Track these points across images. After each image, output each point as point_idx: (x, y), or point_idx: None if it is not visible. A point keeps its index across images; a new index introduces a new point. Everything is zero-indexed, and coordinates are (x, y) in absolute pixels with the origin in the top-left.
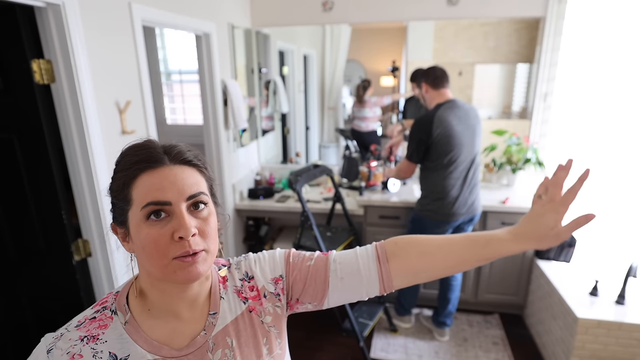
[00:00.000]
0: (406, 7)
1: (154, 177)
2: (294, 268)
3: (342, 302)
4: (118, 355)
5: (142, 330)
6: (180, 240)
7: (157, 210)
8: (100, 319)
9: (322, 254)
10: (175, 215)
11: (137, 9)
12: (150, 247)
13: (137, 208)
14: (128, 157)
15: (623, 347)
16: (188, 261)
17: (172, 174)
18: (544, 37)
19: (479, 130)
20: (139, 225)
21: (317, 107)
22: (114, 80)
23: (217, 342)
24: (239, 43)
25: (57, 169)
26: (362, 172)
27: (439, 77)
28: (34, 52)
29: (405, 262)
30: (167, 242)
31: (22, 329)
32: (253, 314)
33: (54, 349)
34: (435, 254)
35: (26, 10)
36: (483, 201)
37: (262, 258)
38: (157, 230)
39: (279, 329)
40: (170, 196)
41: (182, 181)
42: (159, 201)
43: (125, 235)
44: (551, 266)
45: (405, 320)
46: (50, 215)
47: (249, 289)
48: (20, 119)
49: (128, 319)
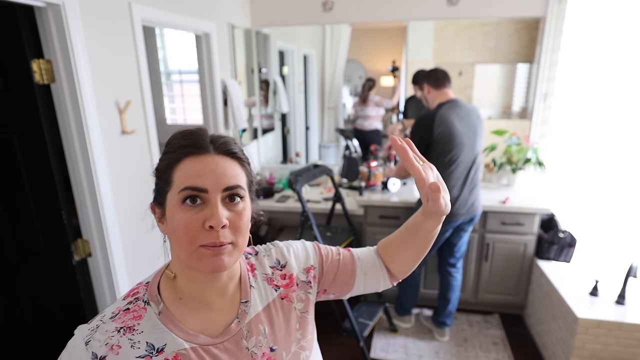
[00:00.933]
0: (406, 7)
1: (195, 163)
2: (327, 260)
3: (362, 292)
4: (155, 345)
5: (176, 319)
6: (210, 230)
7: (194, 195)
8: (134, 309)
9: (346, 249)
10: (209, 203)
11: (137, 8)
12: (181, 230)
13: (176, 191)
14: (176, 141)
15: (623, 347)
16: (214, 251)
17: (214, 163)
18: (544, 37)
19: (480, 130)
20: (174, 208)
21: (317, 107)
22: (114, 80)
23: (250, 329)
24: (239, 43)
25: (57, 169)
26: (362, 172)
27: (440, 77)
28: (34, 52)
29: (390, 264)
30: (198, 228)
31: (22, 328)
32: (285, 301)
33: (91, 340)
34: (403, 251)
35: (26, 10)
36: (483, 201)
37: (295, 247)
38: (190, 216)
39: (310, 315)
40: (208, 184)
41: (222, 171)
42: (196, 187)
43: (162, 216)
44: (551, 266)
45: (405, 320)
46: (50, 215)
47: (280, 277)
48: (20, 119)
49: (161, 309)
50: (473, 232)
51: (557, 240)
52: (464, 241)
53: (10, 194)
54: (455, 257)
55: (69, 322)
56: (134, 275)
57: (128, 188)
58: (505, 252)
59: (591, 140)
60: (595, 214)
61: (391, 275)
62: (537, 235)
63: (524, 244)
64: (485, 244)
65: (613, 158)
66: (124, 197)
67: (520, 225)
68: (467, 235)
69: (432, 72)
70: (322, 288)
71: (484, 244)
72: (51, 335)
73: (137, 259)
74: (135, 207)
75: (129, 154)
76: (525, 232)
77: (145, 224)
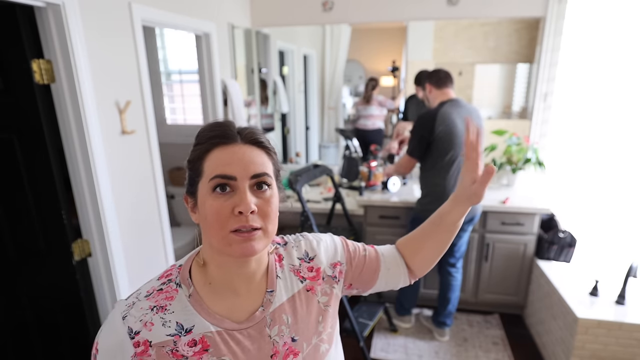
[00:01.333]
0: (406, 7)
1: (224, 152)
2: (354, 256)
3: (383, 289)
4: (184, 326)
5: (204, 303)
6: (239, 215)
7: (223, 183)
8: (167, 290)
9: (370, 246)
10: (238, 190)
11: (137, 9)
12: (212, 217)
13: (206, 180)
14: (206, 132)
15: (623, 347)
16: (244, 236)
17: (241, 152)
18: (544, 37)
19: (481, 131)
20: (205, 196)
21: (317, 107)
22: (114, 80)
23: (274, 318)
24: (239, 43)
25: (57, 169)
26: (362, 172)
27: (443, 77)
28: (34, 52)
29: (411, 260)
30: (228, 214)
31: (22, 328)
32: (310, 293)
33: (128, 316)
34: (425, 245)
35: (26, 10)
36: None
37: (325, 241)
38: (221, 203)
39: (333, 309)
40: (236, 171)
41: (249, 159)
42: (225, 175)
43: (194, 206)
44: (551, 266)
45: (406, 320)
46: (50, 215)
47: (307, 269)
48: (20, 119)
49: (191, 292)
50: (473, 232)
51: (557, 240)
52: (463, 241)
53: (10, 193)
54: (455, 257)
55: (69, 322)
56: (133, 275)
57: (128, 188)
58: (505, 252)
59: (591, 140)
60: (595, 214)
61: (410, 272)
62: (537, 235)
63: (524, 244)
64: (485, 244)
65: (613, 158)
66: (124, 197)
67: (520, 225)
68: (466, 235)
69: (434, 72)
70: (348, 283)
71: (484, 244)
72: (51, 335)
73: (137, 258)
74: (135, 207)
75: (129, 154)
76: (525, 232)
77: (145, 224)
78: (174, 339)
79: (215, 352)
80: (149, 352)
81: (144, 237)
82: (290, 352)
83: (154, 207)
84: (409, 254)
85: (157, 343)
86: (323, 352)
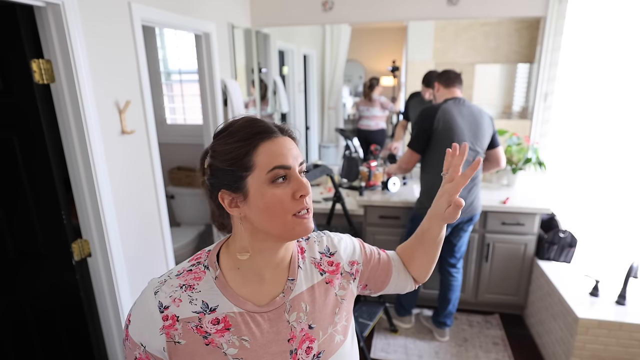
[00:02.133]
0: (406, 7)
1: (275, 145)
2: (370, 258)
3: (393, 291)
4: (209, 305)
5: (229, 285)
6: (300, 199)
7: (283, 174)
8: (196, 271)
9: (382, 250)
10: (293, 178)
11: (136, 8)
12: (276, 205)
13: (262, 172)
14: (246, 130)
15: (624, 347)
16: (305, 217)
17: (287, 143)
18: (545, 37)
19: (485, 132)
20: (262, 187)
21: (317, 107)
22: (114, 80)
23: (293, 304)
24: (238, 43)
25: (56, 169)
26: (362, 172)
27: (452, 77)
28: (33, 52)
29: (409, 268)
30: (289, 200)
31: (22, 328)
32: (329, 286)
33: (159, 291)
34: (416, 257)
35: (26, 9)
36: (483, 201)
37: (345, 240)
38: (281, 190)
39: (348, 303)
40: (290, 161)
41: (294, 150)
42: (284, 165)
43: (239, 201)
44: (551, 266)
45: (405, 321)
46: (49, 215)
47: (327, 263)
48: (20, 119)
49: (218, 274)
50: (473, 232)
51: (558, 241)
52: (463, 241)
53: (10, 193)
54: (455, 257)
55: (69, 322)
56: (133, 275)
57: (128, 188)
58: (505, 252)
59: (591, 140)
60: (596, 214)
61: (413, 278)
62: (537, 235)
63: (524, 244)
64: (486, 244)
65: (613, 158)
66: (124, 197)
67: (520, 225)
68: (466, 236)
69: (445, 72)
70: (363, 283)
71: (484, 244)
72: (51, 335)
73: (136, 259)
74: (135, 207)
75: (128, 154)
76: (526, 232)
77: (145, 224)
78: (199, 316)
79: (236, 331)
80: (175, 327)
81: (144, 237)
82: (307, 338)
83: (154, 207)
84: (406, 262)
85: (184, 318)
86: (338, 343)
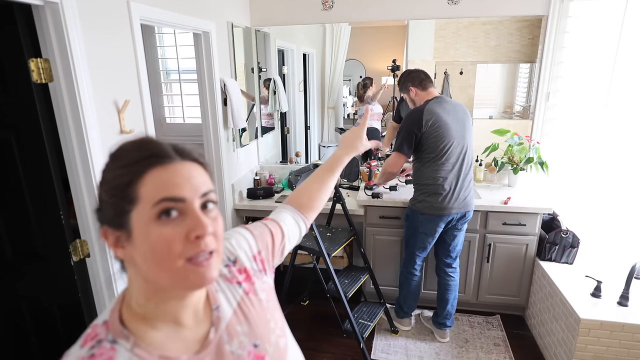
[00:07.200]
0: (407, 6)
1: (166, 173)
2: (263, 239)
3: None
4: None
5: (152, 349)
6: (195, 240)
7: (170, 208)
8: (100, 354)
9: (265, 219)
10: (189, 213)
11: (135, 7)
12: (162, 248)
13: (147, 206)
14: (132, 153)
15: (626, 348)
16: (202, 264)
17: (185, 170)
18: (546, 36)
19: (468, 125)
20: (147, 226)
21: (317, 106)
22: (113, 79)
23: (229, 333)
24: (238, 42)
25: (55, 169)
26: (362, 172)
27: (424, 79)
28: (31, 51)
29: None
30: (181, 242)
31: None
32: (251, 295)
33: None
34: (318, 191)
35: (24, 8)
36: (484, 201)
37: (234, 238)
38: (171, 230)
39: (274, 301)
40: (186, 193)
41: (195, 178)
42: (174, 197)
43: (119, 240)
44: (553, 267)
45: (405, 323)
46: (48, 216)
47: (237, 272)
48: (18, 119)
49: (132, 343)
50: (474, 233)
51: (559, 241)
52: (459, 240)
53: (8, 194)
54: (451, 256)
55: (68, 322)
56: None
57: None
58: (506, 252)
59: (593, 139)
60: (598, 215)
61: (307, 220)
62: (538, 235)
63: (525, 245)
64: (487, 245)
65: (615, 158)
66: None
67: (521, 225)
68: (461, 234)
69: (414, 74)
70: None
71: (485, 244)
72: (49, 336)
73: None
74: None
75: None
76: (527, 233)
77: None
78: None
79: None
80: None
81: None
82: (257, 359)
83: None
84: (304, 204)
85: None
86: (284, 347)
